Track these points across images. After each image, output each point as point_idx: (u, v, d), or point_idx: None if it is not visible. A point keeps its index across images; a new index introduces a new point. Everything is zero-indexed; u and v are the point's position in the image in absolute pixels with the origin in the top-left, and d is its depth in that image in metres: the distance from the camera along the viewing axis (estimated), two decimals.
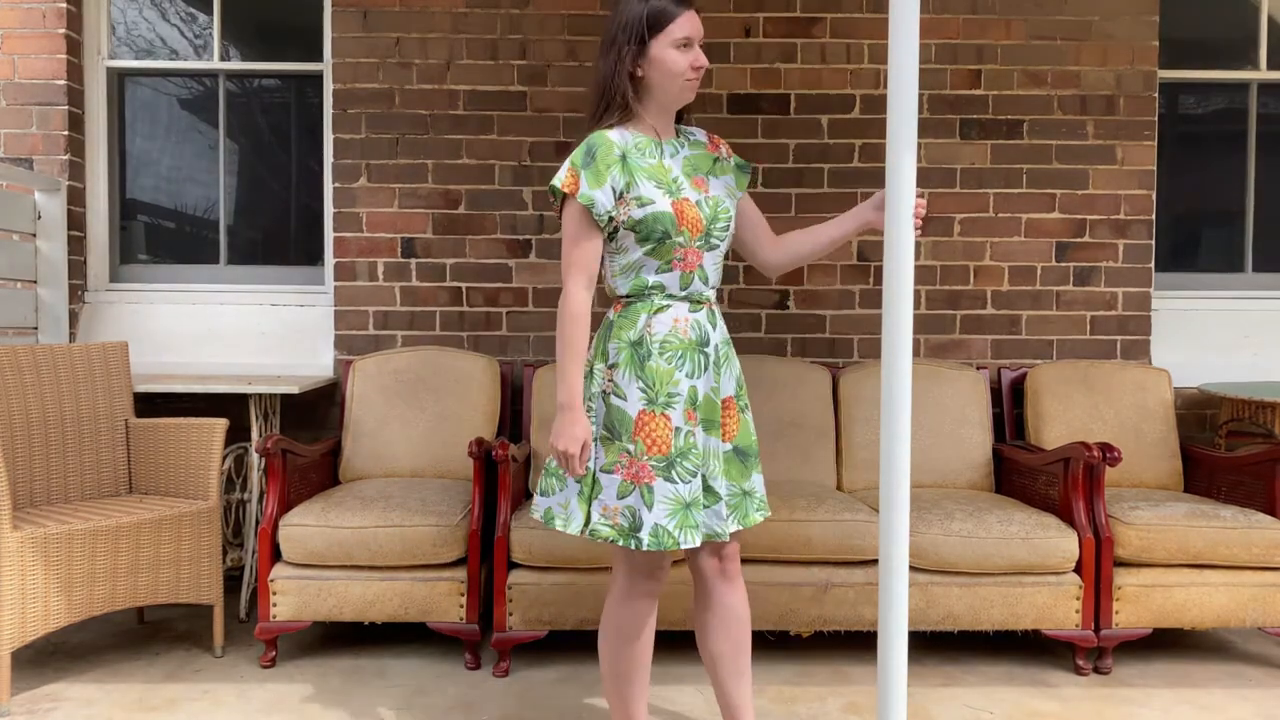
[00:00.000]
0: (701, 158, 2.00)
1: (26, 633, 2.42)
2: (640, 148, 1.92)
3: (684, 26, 1.87)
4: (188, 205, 3.76)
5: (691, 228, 1.88)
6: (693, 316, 1.93)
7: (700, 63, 1.89)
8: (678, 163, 1.95)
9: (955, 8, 3.54)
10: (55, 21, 3.48)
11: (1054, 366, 3.38)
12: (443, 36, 3.52)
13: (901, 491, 1.56)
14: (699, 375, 1.91)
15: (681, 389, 1.88)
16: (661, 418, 1.86)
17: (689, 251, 1.90)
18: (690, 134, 2.03)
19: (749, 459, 1.99)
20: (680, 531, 1.83)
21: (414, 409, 3.26)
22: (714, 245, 1.94)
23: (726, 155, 2.04)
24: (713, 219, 1.92)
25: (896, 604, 1.55)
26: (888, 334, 1.57)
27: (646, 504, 1.83)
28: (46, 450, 2.81)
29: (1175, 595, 2.70)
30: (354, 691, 2.56)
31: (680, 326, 1.91)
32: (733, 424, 1.97)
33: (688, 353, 1.90)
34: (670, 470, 1.85)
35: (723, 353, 1.97)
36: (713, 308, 1.98)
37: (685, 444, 1.87)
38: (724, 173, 2.01)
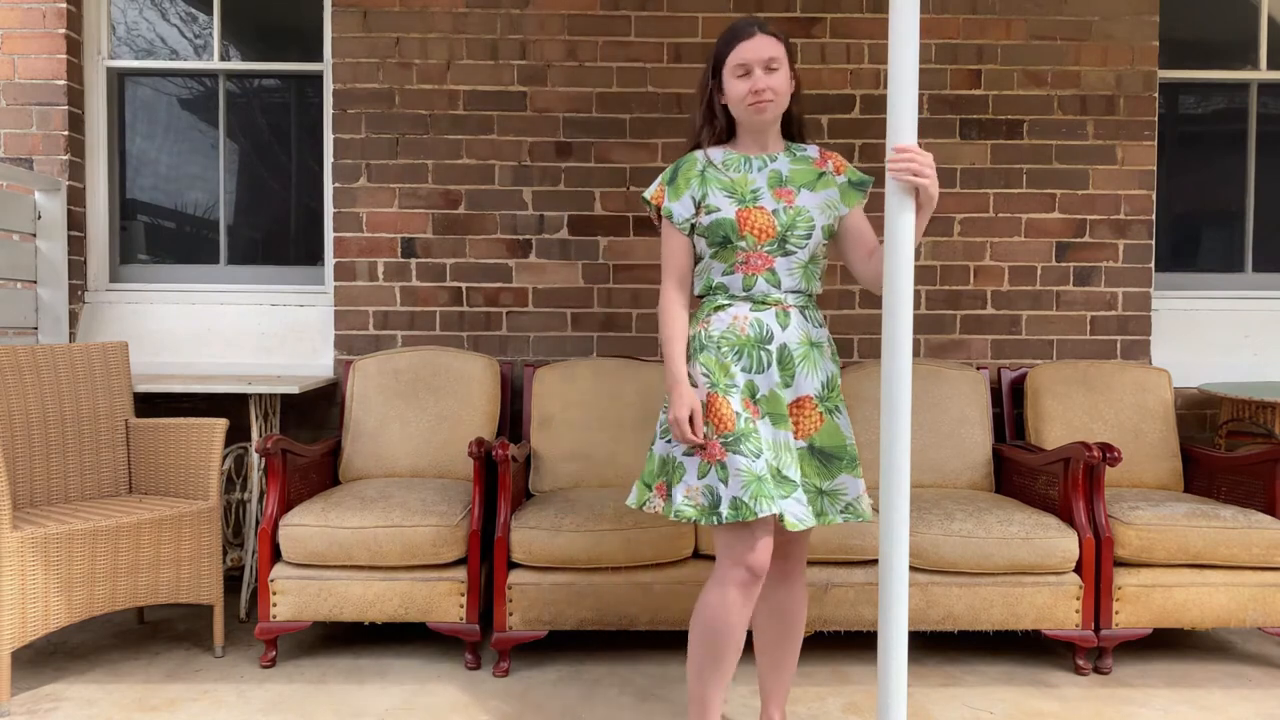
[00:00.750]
0: (802, 172, 2.11)
1: (26, 633, 2.42)
2: (727, 164, 2.10)
3: (740, 55, 2.03)
4: (188, 205, 3.77)
5: (758, 234, 2.03)
6: (754, 315, 2.04)
7: (758, 86, 2.01)
8: (764, 175, 2.09)
9: (955, 8, 3.54)
10: (55, 21, 3.48)
11: (1054, 366, 3.38)
12: (443, 36, 3.52)
13: (901, 491, 1.56)
14: (758, 371, 2.02)
15: (738, 381, 2.01)
16: (724, 400, 1.99)
17: (754, 255, 2.04)
18: (800, 149, 2.16)
19: (833, 461, 2.04)
20: (755, 501, 1.91)
21: (414, 409, 3.26)
22: (789, 251, 2.05)
23: (834, 171, 2.14)
24: (789, 226, 2.04)
25: (896, 604, 1.55)
26: (888, 334, 1.57)
27: (722, 480, 1.94)
28: (46, 450, 2.81)
29: (1175, 595, 2.70)
30: (354, 691, 2.56)
31: (739, 324, 2.04)
32: (809, 423, 2.04)
33: (745, 349, 2.02)
34: (739, 445, 1.95)
35: (799, 353, 2.04)
36: (786, 309, 2.05)
37: (747, 427, 1.97)
38: (826, 186, 2.11)
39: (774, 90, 2.02)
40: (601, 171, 3.53)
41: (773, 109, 2.05)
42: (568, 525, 2.66)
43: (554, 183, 3.54)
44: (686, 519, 1.97)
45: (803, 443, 2.04)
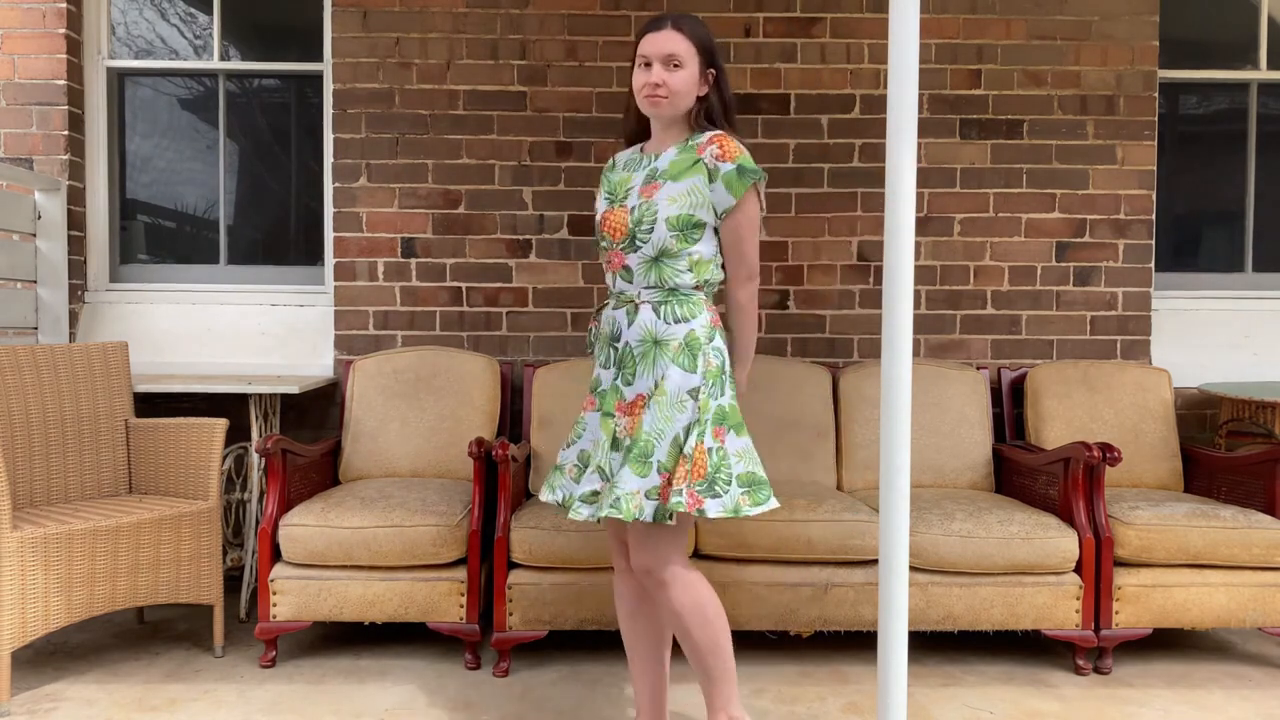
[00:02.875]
0: (679, 161, 2.01)
1: (26, 633, 2.42)
2: (629, 164, 2.14)
3: (644, 46, 2.04)
4: (188, 205, 3.76)
5: (612, 232, 2.06)
6: (611, 313, 2.10)
7: (651, 79, 1.99)
8: (643, 174, 2.07)
9: (955, 8, 3.54)
10: (55, 21, 3.48)
11: (1054, 366, 3.38)
12: (443, 36, 3.52)
13: (901, 491, 1.56)
14: (606, 366, 2.10)
15: (594, 373, 2.14)
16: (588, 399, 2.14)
17: (612, 254, 2.08)
18: (696, 138, 2.04)
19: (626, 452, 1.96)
20: (545, 489, 2.13)
21: (414, 409, 3.26)
22: (637, 247, 2.02)
23: (713, 159, 1.97)
24: (638, 222, 2.01)
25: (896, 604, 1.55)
26: (888, 334, 1.57)
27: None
28: (46, 450, 2.81)
29: (1175, 595, 2.70)
30: (354, 691, 2.56)
31: (604, 322, 2.13)
32: (634, 421, 1.98)
33: (603, 345, 2.12)
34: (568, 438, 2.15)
35: (639, 350, 2.00)
36: (637, 305, 2.01)
37: (577, 419, 2.15)
38: (694, 174, 1.98)
39: (669, 87, 1.97)
40: (601, 172, 3.53)
41: (667, 105, 1.99)
42: (568, 525, 2.66)
43: (554, 183, 3.54)
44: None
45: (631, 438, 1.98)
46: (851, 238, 3.56)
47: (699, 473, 1.91)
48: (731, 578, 2.69)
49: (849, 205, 3.55)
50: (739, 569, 2.71)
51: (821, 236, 3.55)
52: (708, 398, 1.96)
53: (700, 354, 1.98)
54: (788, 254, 3.55)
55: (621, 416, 2.01)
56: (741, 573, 2.70)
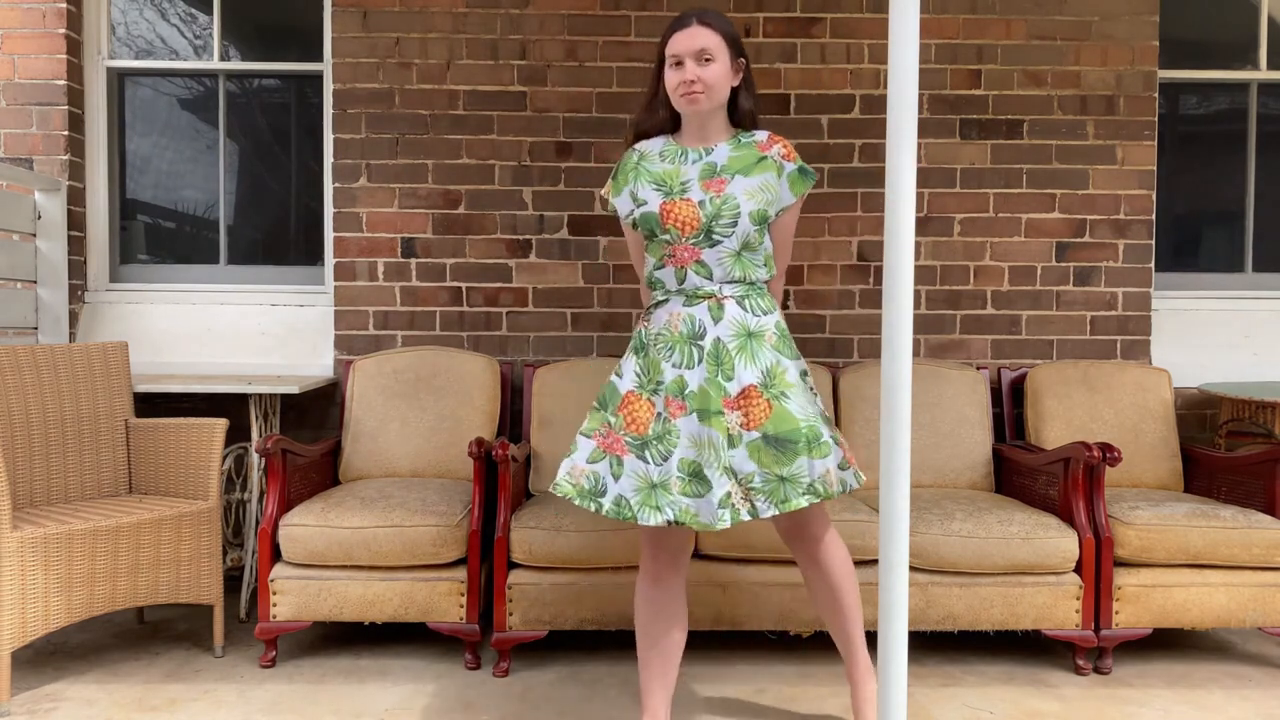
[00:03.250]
0: (741, 158, 2.09)
1: (26, 633, 2.42)
2: (664, 154, 2.12)
3: (673, 45, 2.05)
4: (188, 205, 3.76)
5: (681, 226, 2.03)
6: (685, 311, 2.05)
7: (686, 77, 2.02)
8: (697, 168, 2.08)
9: (955, 8, 3.54)
10: (55, 21, 3.48)
11: (1054, 366, 3.38)
12: (443, 36, 3.52)
13: (901, 491, 1.56)
14: (688, 367, 2.02)
15: (666, 378, 2.03)
16: (646, 401, 2.03)
17: (680, 248, 2.04)
18: (748, 135, 2.13)
19: (787, 445, 1.97)
20: (641, 509, 1.97)
21: (414, 409, 3.26)
22: (715, 241, 2.03)
23: (782, 157, 2.09)
24: (714, 216, 2.02)
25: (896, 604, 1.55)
26: (888, 334, 1.57)
27: (614, 474, 2.01)
28: (46, 450, 2.81)
29: (1175, 595, 2.70)
30: (354, 691, 2.56)
31: (673, 321, 2.05)
32: (758, 412, 1.99)
33: (678, 345, 2.04)
34: (644, 450, 2.01)
35: (734, 345, 2.02)
36: (721, 301, 2.04)
37: (663, 428, 2.00)
38: (765, 171, 2.08)
39: (704, 82, 2.01)
40: (601, 171, 3.53)
41: (704, 100, 2.03)
42: (568, 525, 2.66)
43: (554, 183, 3.54)
44: (563, 495, 2.03)
45: (755, 433, 1.98)
46: (851, 238, 3.56)
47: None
48: (731, 578, 2.69)
49: (849, 205, 3.55)
50: (739, 569, 2.71)
51: (821, 236, 3.55)
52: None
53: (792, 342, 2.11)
54: None
55: (732, 412, 1.99)
56: (741, 573, 2.70)
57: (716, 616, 2.70)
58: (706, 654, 2.84)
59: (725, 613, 2.70)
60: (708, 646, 2.90)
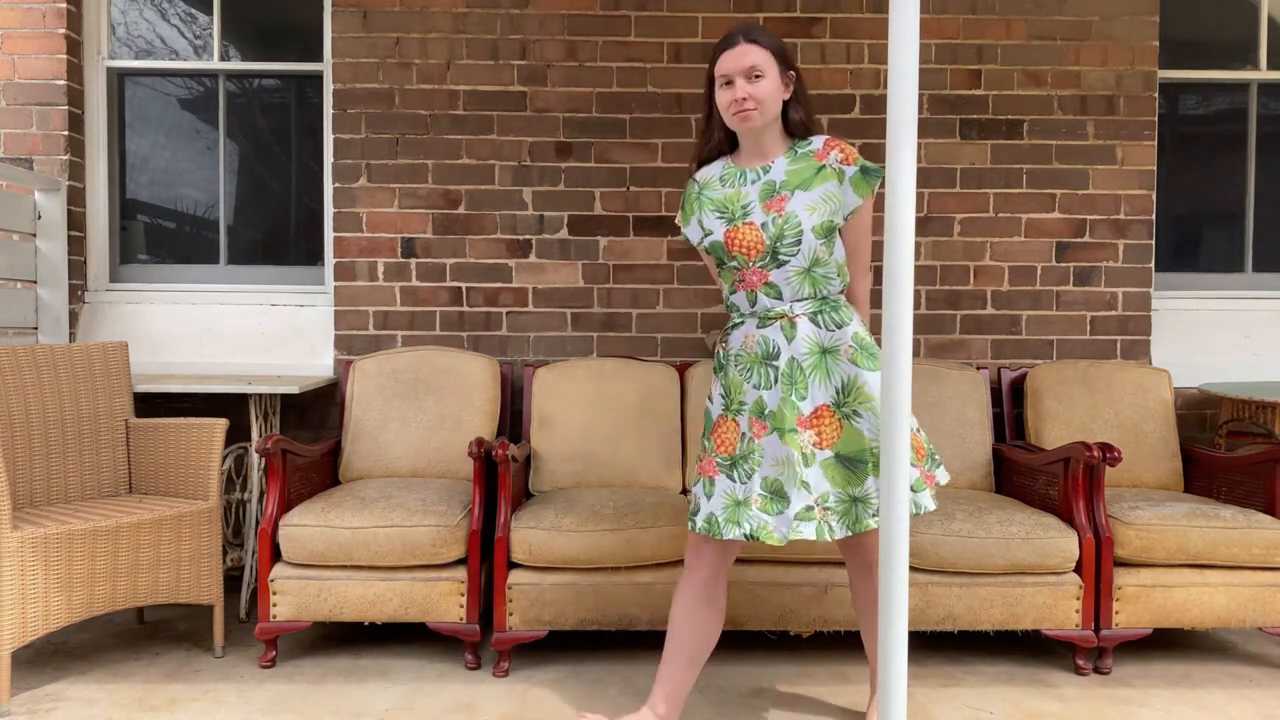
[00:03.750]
0: (799, 171, 2.08)
1: (26, 633, 2.42)
2: (724, 179, 2.14)
3: (722, 66, 2.06)
4: (188, 205, 3.77)
5: (747, 251, 2.06)
6: (759, 333, 2.09)
7: (738, 95, 2.03)
8: (756, 189, 2.09)
9: (955, 8, 3.54)
10: (55, 21, 3.48)
11: (1054, 366, 3.38)
12: (443, 36, 3.52)
13: (901, 492, 1.56)
14: (766, 387, 2.06)
15: (748, 399, 2.09)
16: (732, 423, 2.10)
17: (748, 273, 2.08)
18: (804, 145, 2.11)
19: (858, 465, 2.03)
20: (726, 525, 2.05)
21: (414, 409, 3.26)
22: (782, 262, 2.05)
23: (841, 162, 2.07)
24: (778, 237, 2.03)
25: (896, 604, 1.55)
26: (888, 334, 1.57)
27: (707, 494, 2.10)
28: (46, 450, 2.81)
29: (1175, 595, 2.70)
30: (354, 691, 2.56)
31: (749, 343, 2.10)
32: (830, 431, 2.04)
33: (755, 366, 2.09)
34: (732, 469, 2.08)
35: (808, 363, 2.05)
36: (793, 320, 2.05)
37: (748, 448, 2.07)
38: (825, 180, 2.06)
39: (756, 99, 2.02)
40: (601, 171, 3.53)
41: (757, 117, 2.04)
42: (568, 525, 2.66)
43: (554, 183, 3.54)
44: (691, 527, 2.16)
45: (828, 452, 2.04)
46: None
47: (922, 452, 2.09)
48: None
49: None
50: (739, 569, 2.71)
51: None
52: None
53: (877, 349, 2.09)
54: None
55: (805, 430, 2.03)
56: (742, 573, 2.70)
57: None
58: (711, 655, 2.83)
59: (726, 612, 2.69)
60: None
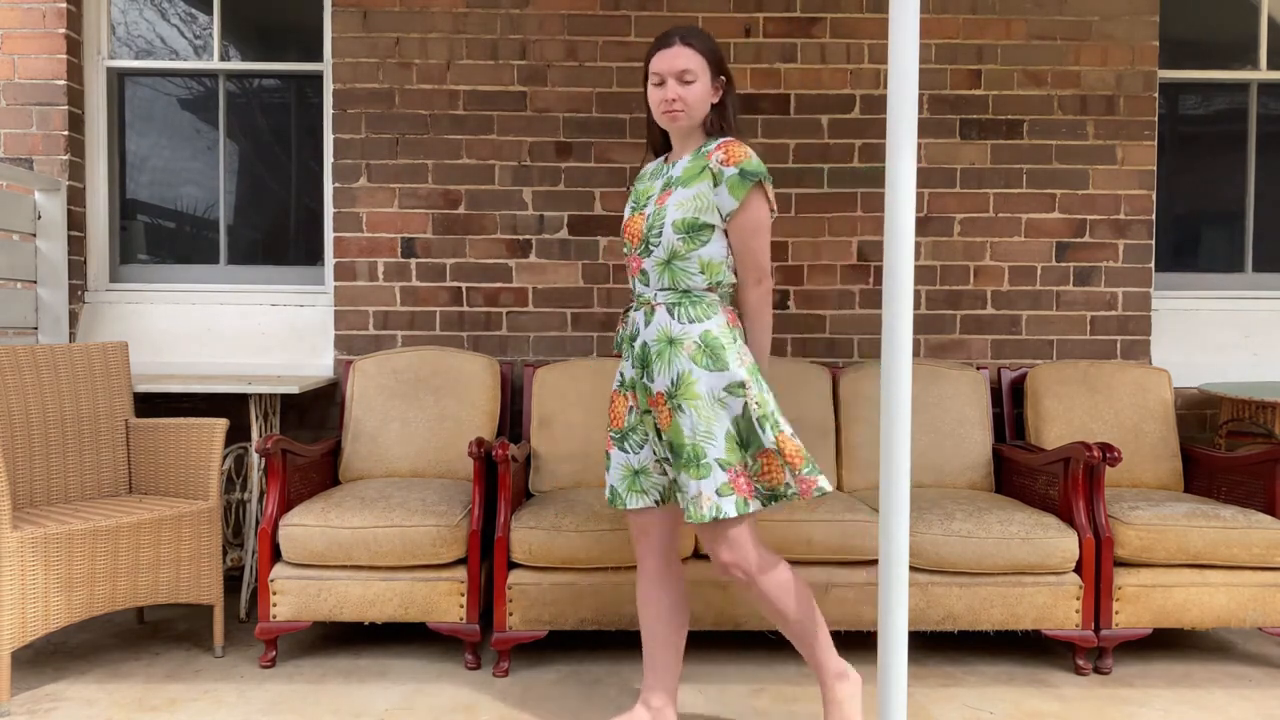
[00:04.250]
0: (690, 169, 2.11)
1: (26, 633, 2.42)
2: (654, 173, 2.22)
3: (655, 65, 2.10)
4: (188, 205, 3.77)
5: (631, 238, 2.16)
6: (632, 314, 2.19)
7: (668, 96, 2.07)
8: (660, 182, 2.17)
9: (955, 8, 3.54)
10: (55, 21, 3.48)
11: (1054, 366, 3.38)
12: (443, 36, 3.52)
13: (901, 491, 1.56)
14: (634, 366, 2.15)
15: (627, 375, 2.18)
16: (622, 397, 2.18)
17: (631, 258, 2.18)
18: (707, 145, 2.11)
19: (675, 457, 2.04)
20: (629, 495, 2.15)
21: (414, 409, 3.26)
22: (650, 251, 2.11)
23: (717, 164, 2.04)
24: (650, 227, 2.11)
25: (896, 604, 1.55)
26: (888, 334, 1.57)
27: (606, 468, 2.20)
28: (46, 450, 2.81)
29: (1175, 595, 2.70)
30: (354, 691, 2.56)
31: (628, 323, 2.19)
32: (662, 417, 2.08)
33: (625, 345, 2.20)
34: (623, 440, 2.17)
35: (655, 350, 2.08)
36: (654, 307, 2.12)
37: (636, 420, 2.15)
38: (701, 180, 2.05)
39: (684, 101, 2.07)
40: (601, 171, 3.53)
41: (683, 119, 2.10)
42: (568, 525, 2.66)
43: (554, 183, 3.54)
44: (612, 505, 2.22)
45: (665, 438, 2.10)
46: (851, 238, 3.56)
47: (798, 458, 2.01)
48: None
49: (849, 205, 3.55)
50: None
51: (821, 236, 3.55)
52: (760, 391, 2.04)
53: (727, 352, 2.04)
54: (788, 254, 3.55)
55: (653, 410, 2.11)
56: None
57: (717, 616, 2.70)
58: (706, 654, 2.84)
59: (725, 613, 2.70)
60: (708, 646, 2.90)
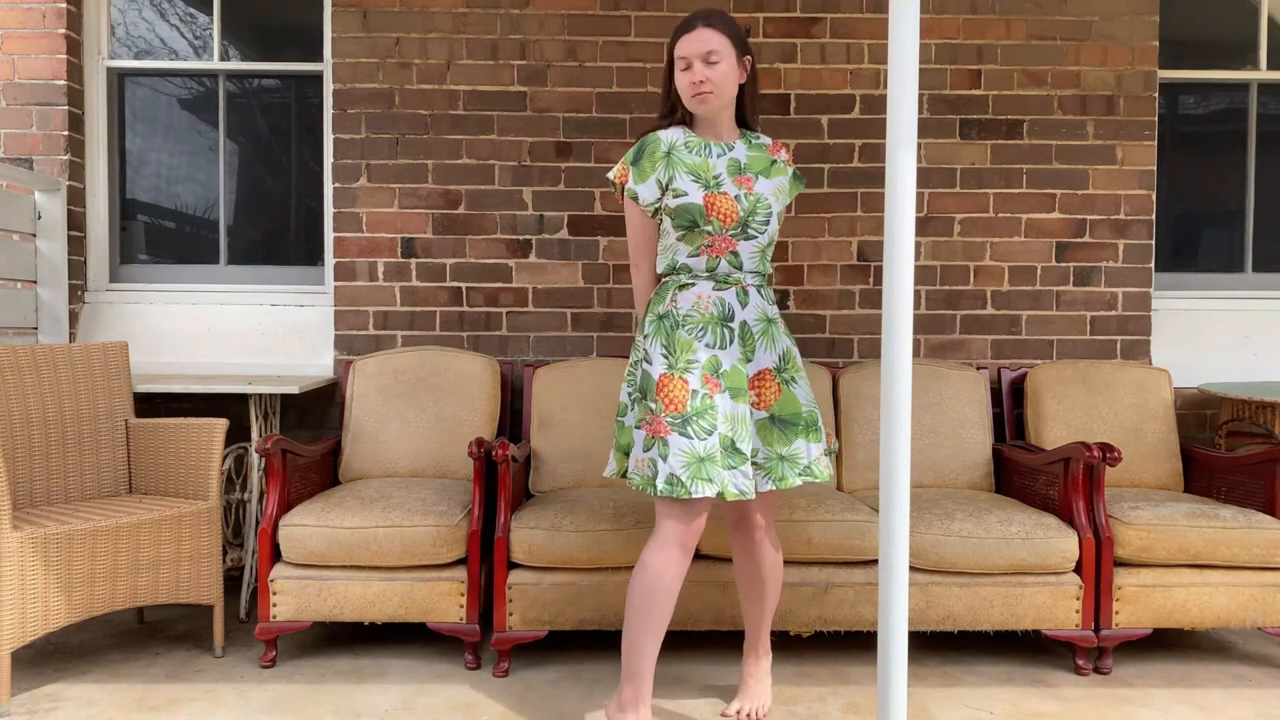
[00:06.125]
0: (758, 159, 2.22)
1: (26, 633, 2.42)
2: (690, 146, 2.18)
3: (680, 49, 2.13)
4: (188, 205, 3.77)
5: (723, 218, 2.12)
6: (716, 294, 2.15)
7: (696, 78, 2.10)
8: (723, 162, 2.17)
9: (955, 8, 3.54)
10: (55, 21, 3.48)
11: (1054, 366, 3.38)
12: (443, 36, 3.52)
13: (901, 491, 1.56)
14: (721, 347, 2.12)
15: (699, 357, 2.10)
16: (680, 380, 2.08)
17: (719, 239, 2.13)
18: (755, 137, 2.27)
19: (791, 427, 2.15)
20: (693, 483, 2.03)
21: (414, 409, 3.26)
22: (751, 235, 2.16)
23: (785, 162, 2.27)
24: (751, 212, 2.15)
25: (896, 604, 1.55)
26: (888, 334, 1.57)
27: (662, 455, 2.05)
28: (46, 450, 2.81)
29: (1175, 595, 2.70)
30: (354, 691, 2.56)
31: (703, 303, 2.14)
32: (769, 394, 2.16)
33: (709, 326, 2.12)
34: (685, 426, 2.05)
35: (758, 329, 2.16)
36: (746, 288, 2.17)
37: (702, 405, 2.06)
38: (779, 174, 2.23)
39: (712, 82, 2.10)
40: (601, 171, 3.53)
41: (713, 100, 2.13)
42: (568, 525, 2.66)
43: (554, 183, 3.54)
44: (635, 486, 2.11)
45: (764, 413, 2.16)
46: (851, 238, 3.56)
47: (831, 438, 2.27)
48: (732, 577, 2.69)
49: (849, 205, 3.55)
50: None
51: (821, 236, 3.55)
52: None
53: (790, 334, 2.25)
54: (788, 254, 3.56)
55: (748, 392, 2.13)
56: None
57: (717, 616, 2.70)
58: (706, 654, 2.84)
59: (725, 612, 2.70)
60: (708, 646, 2.89)
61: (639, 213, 2.20)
